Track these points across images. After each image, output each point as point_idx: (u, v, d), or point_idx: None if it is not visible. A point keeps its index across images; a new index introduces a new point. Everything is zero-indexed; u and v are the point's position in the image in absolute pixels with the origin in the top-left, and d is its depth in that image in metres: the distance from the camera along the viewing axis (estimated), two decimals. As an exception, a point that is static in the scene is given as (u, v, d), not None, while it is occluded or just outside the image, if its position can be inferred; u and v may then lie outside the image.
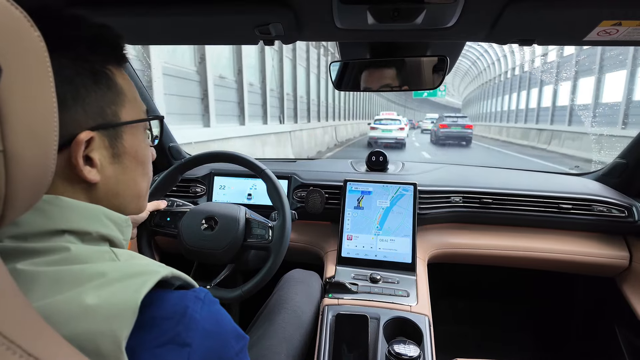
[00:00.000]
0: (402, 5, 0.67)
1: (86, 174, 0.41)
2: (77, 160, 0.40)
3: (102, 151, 0.43)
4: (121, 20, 0.77)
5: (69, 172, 0.41)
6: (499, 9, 0.68)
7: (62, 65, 0.39)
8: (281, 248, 0.99)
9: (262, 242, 1.01)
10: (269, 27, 0.76)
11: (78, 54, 0.41)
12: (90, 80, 0.42)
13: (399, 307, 0.97)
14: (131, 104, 0.47)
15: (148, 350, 0.35)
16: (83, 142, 0.40)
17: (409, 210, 1.19)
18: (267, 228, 1.02)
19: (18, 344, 0.24)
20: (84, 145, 0.40)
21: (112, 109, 0.44)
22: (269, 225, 1.02)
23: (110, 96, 0.44)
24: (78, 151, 0.40)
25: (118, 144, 0.45)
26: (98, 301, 0.33)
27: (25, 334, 0.25)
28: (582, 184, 1.37)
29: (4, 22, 0.25)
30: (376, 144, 14.70)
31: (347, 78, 1.05)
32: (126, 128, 0.46)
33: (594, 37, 0.75)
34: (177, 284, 0.42)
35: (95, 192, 0.44)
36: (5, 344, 0.23)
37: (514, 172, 1.57)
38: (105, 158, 0.44)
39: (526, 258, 1.27)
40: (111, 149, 0.44)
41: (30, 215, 0.37)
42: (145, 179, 0.52)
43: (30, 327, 0.27)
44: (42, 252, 0.36)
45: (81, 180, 0.41)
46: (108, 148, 0.44)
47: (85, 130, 0.40)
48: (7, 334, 0.24)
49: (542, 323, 1.72)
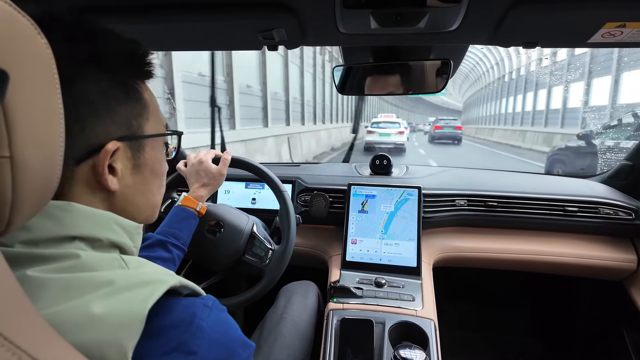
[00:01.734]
0: (404, 10, 0.67)
1: (108, 182, 0.42)
2: (103, 169, 0.41)
3: (124, 161, 0.44)
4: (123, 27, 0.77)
5: (92, 179, 0.42)
6: (502, 11, 0.68)
7: (98, 77, 0.41)
8: (275, 274, 0.99)
9: (258, 264, 1.00)
10: (272, 32, 0.76)
11: (112, 67, 0.42)
12: (122, 93, 0.43)
13: (405, 312, 0.96)
14: (154, 117, 0.49)
15: (154, 358, 0.35)
16: (110, 151, 0.41)
17: (414, 214, 1.18)
18: (267, 250, 1.01)
19: (25, 349, 0.24)
20: (110, 154, 0.41)
21: (137, 121, 0.46)
22: (271, 248, 1.01)
23: (137, 109, 0.46)
24: (105, 160, 0.41)
25: (140, 155, 0.47)
26: (105, 310, 0.33)
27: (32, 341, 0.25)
28: (588, 187, 1.36)
29: (11, 30, 0.26)
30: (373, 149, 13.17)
31: (350, 82, 1.05)
32: (148, 141, 0.48)
33: (598, 39, 0.75)
34: (185, 292, 0.42)
35: (113, 200, 0.45)
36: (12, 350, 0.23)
37: (519, 174, 1.56)
38: (127, 168, 0.45)
39: (532, 261, 1.26)
40: (133, 160, 0.46)
41: (41, 221, 0.37)
42: (160, 191, 0.53)
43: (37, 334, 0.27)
44: (52, 258, 0.36)
45: (102, 187, 0.43)
46: (130, 159, 0.45)
47: (112, 140, 0.42)
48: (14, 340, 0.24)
49: (548, 327, 1.70)
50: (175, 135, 0.58)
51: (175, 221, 0.87)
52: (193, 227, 0.90)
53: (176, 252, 0.82)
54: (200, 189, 0.96)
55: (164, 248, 0.80)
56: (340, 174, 1.46)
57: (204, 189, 0.96)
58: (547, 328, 1.70)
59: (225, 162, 0.99)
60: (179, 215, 0.88)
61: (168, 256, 0.80)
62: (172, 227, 0.85)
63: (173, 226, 0.85)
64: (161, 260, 0.79)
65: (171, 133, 0.54)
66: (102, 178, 0.42)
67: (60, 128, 0.31)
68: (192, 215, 0.90)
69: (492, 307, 1.77)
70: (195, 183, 0.97)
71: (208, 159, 0.99)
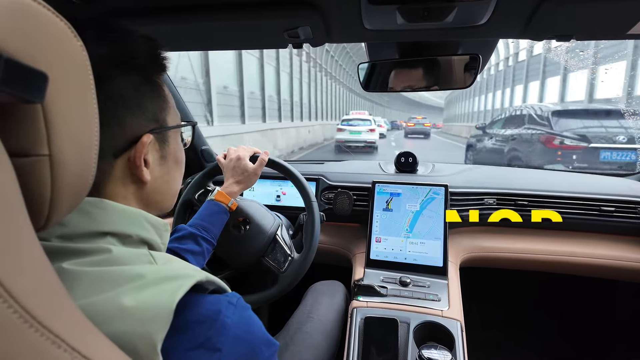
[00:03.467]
0: (432, 5, 0.66)
1: (144, 174, 0.45)
2: (140, 161, 0.44)
3: (154, 153, 0.47)
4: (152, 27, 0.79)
5: (127, 173, 0.44)
6: (535, 3, 0.65)
7: (131, 75, 0.43)
8: (289, 284, 0.99)
9: (276, 269, 1.00)
10: (297, 30, 0.76)
11: (141, 64, 0.44)
12: (149, 89, 0.46)
13: (430, 312, 0.95)
14: (173, 110, 0.51)
15: (180, 352, 0.36)
16: (147, 144, 0.44)
17: (440, 213, 1.16)
18: (287, 257, 1.01)
19: (63, 338, 0.25)
20: (146, 146, 0.44)
21: (162, 114, 0.48)
22: (291, 255, 1.02)
23: (161, 103, 0.48)
24: (142, 152, 0.43)
25: (166, 146, 0.49)
26: (135, 303, 0.34)
27: (69, 329, 0.26)
28: (626, 186, 1.29)
29: (50, 33, 0.27)
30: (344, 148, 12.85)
31: (375, 79, 1.04)
32: (170, 132, 0.50)
33: (638, 31, 0.71)
34: (211, 288, 0.43)
35: (144, 191, 0.47)
36: (51, 339, 0.25)
37: (549, 172, 1.50)
38: (156, 159, 0.47)
39: (564, 263, 1.21)
40: (160, 151, 0.48)
41: (76, 217, 0.39)
42: (180, 179, 0.55)
43: (74, 323, 0.28)
44: (85, 252, 0.38)
45: (135, 180, 0.45)
46: (158, 150, 0.48)
47: (147, 133, 0.44)
48: (52, 328, 0.25)
49: (579, 332, 1.64)
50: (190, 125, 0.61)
51: (208, 215, 0.88)
52: (224, 221, 0.91)
53: (206, 246, 0.84)
54: (234, 185, 0.97)
55: (195, 241, 0.82)
56: (365, 172, 1.45)
57: (238, 185, 0.97)
58: (577, 332, 1.63)
59: (262, 162, 1.00)
60: (212, 209, 0.90)
61: (198, 250, 0.82)
62: (204, 221, 0.87)
63: (205, 219, 0.87)
64: (191, 254, 0.80)
65: (188, 124, 0.57)
66: (138, 170, 0.44)
67: (95, 127, 0.32)
68: (224, 210, 0.91)
69: (520, 309, 1.72)
70: (230, 178, 0.98)
71: (246, 156, 1.00)
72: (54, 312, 0.26)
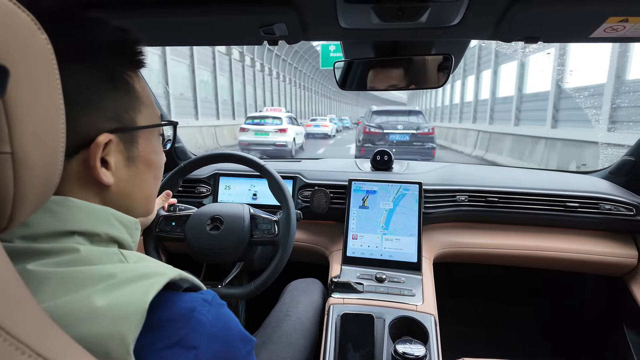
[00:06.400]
0: (406, 4, 0.67)
1: (102, 176, 0.42)
2: (95, 162, 0.41)
3: (117, 155, 0.44)
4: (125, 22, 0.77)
5: (84, 174, 0.41)
6: (504, 6, 0.67)
7: (84, 69, 0.40)
8: (288, 240, 1.00)
9: (269, 237, 1.01)
10: (273, 27, 0.76)
11: (99, 58, 0.41)
12: (110, 85, 0.42)
13: (405, 307, 0.97)
14: (147, 109, 0.48)
15: (154, 352, 0.35)
16: (102, 144, 0.40)
17: (413, 209, 1.19)
18: (272, 222, 1.02)
19: (27, 343, 0.24)
20: (102, 148, 0.41)
21: (129, 113, 0.45)
22: (274, 219, 1.03)
23: (127, 101, 0.44)
24: (96, 153, 0.40)
25: (133, 147, 0.46)
26: (106, 303, 0.33)
27: (34, 334, 0.25)
28: (590, 182, 1.36)
29: (11, 26, 0.26)
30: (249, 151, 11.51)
31: (351, 77, 1.05)
32: (141, 133, 0.47)
33: (600, 34, 0.74)
34: (185, 286, 0.42)
35: (108, 194, 0.44)
36: (15, 344, 0.24)
37: (520, 170, 1.56)
38: (120, 161, 0.44)
39: (533, 257, 1.26)
40: (126, 152, 0.45)
41: (40, 216, 0.37)
42: (156, 183, 0.52)
43: (39, 327, 0.27)
44: (51, 252, 0.36)
45: (95, 182, 0.42)
46: (123, 152, 0.44)
47: (104, 133, 0.41)
48: (15, 333, 0.24)
49: (549, 323, 1.71)
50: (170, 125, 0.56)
51: None
52: None
53: None
54: None
55: None
56: (341, 170, 1.46)
57: None
58: (548, 324, 1.70)
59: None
60: None
61: None
62: None
63: None
64: None
65: (164, 124, 0.53)
66: (94, 172, 0.41)
67: (61, 123, 0.31)
68: None
69: (492, 302, 1.78)
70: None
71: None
72: (17, 316, 0.25)
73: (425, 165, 1.54)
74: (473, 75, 15.03)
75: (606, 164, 1.48)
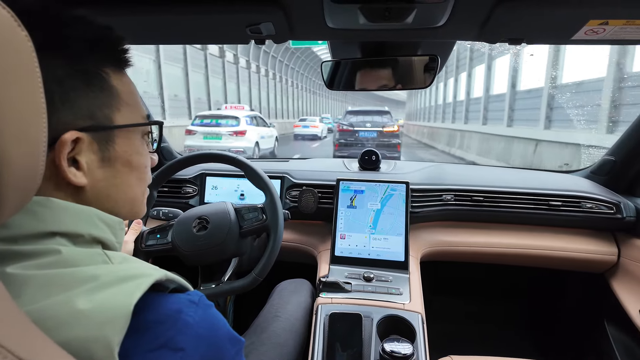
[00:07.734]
0: (393, 5, 0.68)
1: (71, 176, 0.40)
2: (60, 162, 0.38)
3: (90, 154, 0.41)
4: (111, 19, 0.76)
5: (55, 174, 0.39)
6: (489, 8, 0.68)
7: (53, 64, 0.38)
8: (278, 223, 1.00)
9: (257, 223, 1.01)
10: (259, 26, 0.75)
11: (71, 54, 0.40)
12: (81, 82, 0.40)
13: (392, 305, 0.97)
14: (129, 108, 0.46)
15: (141, 354, 0.35)
16: (68, 143, 0.38)
17: (401, 209, 1.19)
18: (258, 210, 1.03)
19: (9, 348, 0.24)
20: (69, 146, 0.39)
21: (104, 112, 0.42)
22: (259, 206, 1.03)
23: (102, 99, 0.42)
24: (62, 152, 0.38)
25: (109, 147, 0.43)
26: (90, 306, 0.32)
27: (15, 338, 0.25)
28: (572, 182, 1.39)
29: None
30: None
31: (338, 78, 1.05)
32: (120, 132, 0.45)
33: (581, 37, 0.76)
34: (172, 287, 0.42)
35: (84, 196, 0.42)
36: None
37: (505, 170, 1.58)
38: (94, 161, 0.42)
39: (517, 255, 1.29)
40: (100, 152, 0.43)
41: (20, 217, 0.36)
42: (140, 184, 0.50)
43: (20, 331, 0.26)
44: (32, 255, 0.36)
45: (67, 183, 0.40)
46: (97, 152, 0.42)
47: (70, 131, 0.39)
48: None
49: (533, 319, 1.74)
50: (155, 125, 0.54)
51: None
52: None
53: None
54: None
55: None
56: (329, 170, 1.46)
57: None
58: (533, 320, 1.74)
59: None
60: None
61: None
62: None
63: None
64: None
65: (146, 124, 0.50)
66: (62, 172, 0.39)
67: (43, 122, 0.30)
68: None
69: (478, 300, 1.80)
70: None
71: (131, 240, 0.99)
72: None
73: (412, 165, 1.55)
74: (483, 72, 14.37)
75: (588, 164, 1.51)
